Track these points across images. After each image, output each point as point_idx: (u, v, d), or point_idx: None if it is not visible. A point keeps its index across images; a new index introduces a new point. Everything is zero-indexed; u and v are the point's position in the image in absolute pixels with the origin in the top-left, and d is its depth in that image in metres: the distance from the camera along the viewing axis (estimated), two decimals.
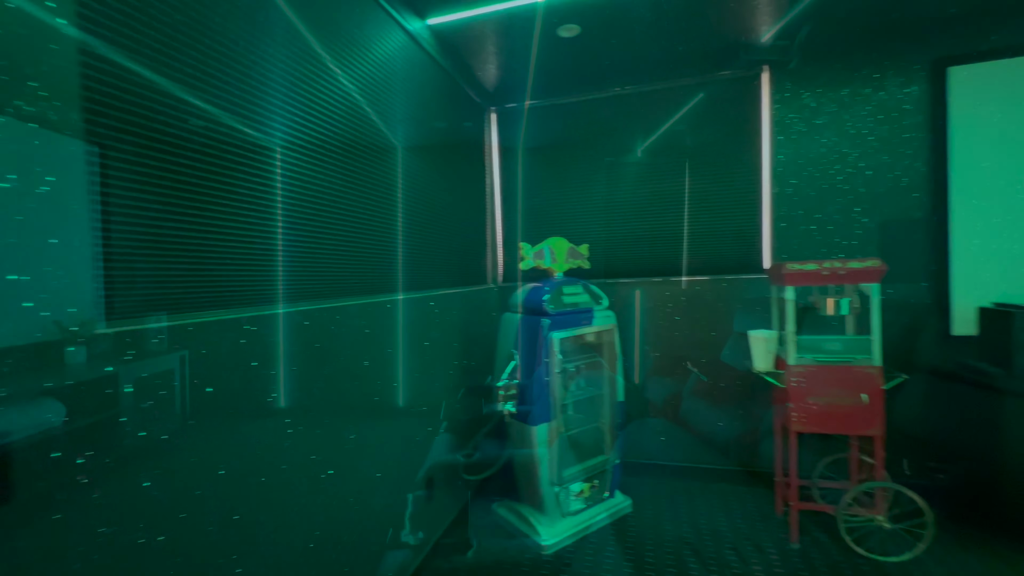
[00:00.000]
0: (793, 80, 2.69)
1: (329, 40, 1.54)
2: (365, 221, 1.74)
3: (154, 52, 0.99)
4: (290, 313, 1.35)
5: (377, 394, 1.78)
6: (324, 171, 1.52)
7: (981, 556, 2.07)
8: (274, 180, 1.32)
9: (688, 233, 2.91)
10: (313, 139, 1.47)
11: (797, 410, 2.15)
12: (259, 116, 1.26)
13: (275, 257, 1.31)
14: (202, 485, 1.07)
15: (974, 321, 2.43)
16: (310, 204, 1.46)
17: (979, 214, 2.44)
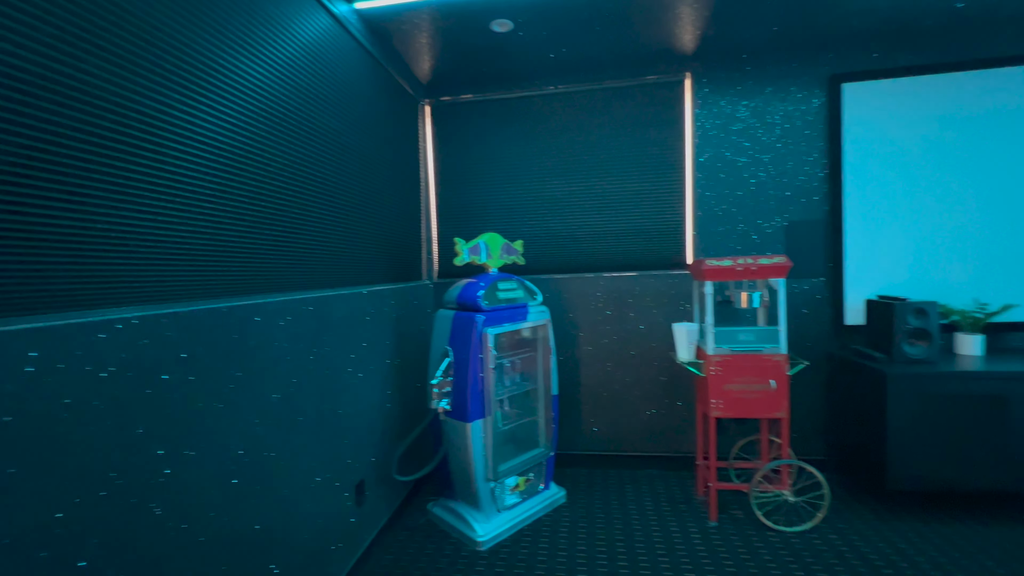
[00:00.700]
0: (712, 88, 2.86)
1: (239, 16, 1.43)
2: (280, 213, 1.63)
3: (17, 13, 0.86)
4: (196, 312, 1.24)
5: (301, 398, 1.68)
6: (234, 160, 1.40)
7: (869, 520, 2.33)
8: (167, 169, 1.20)
9: (619, 230, 3.01)
10: (219, 125, 1.35)
11: (715, 397, 2.30)
12: (152, 96, 1.14)
13: (167, 249, 1.19)
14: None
15: (863, 312, 2.72)
16: (217, 195, 1.34)
17: (867, 217, 2.73)
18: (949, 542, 2.13)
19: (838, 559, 2.04)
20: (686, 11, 2.32)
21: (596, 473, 2.99)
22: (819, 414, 2.83)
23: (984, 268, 2.64)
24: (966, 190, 2.64)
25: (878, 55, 2.69)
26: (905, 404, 2.26)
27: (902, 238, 2.71)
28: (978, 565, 1.96)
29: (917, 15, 2.44)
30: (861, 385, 2.46)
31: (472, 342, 2.23)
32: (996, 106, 2.59)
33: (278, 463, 1.54)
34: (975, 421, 2.22)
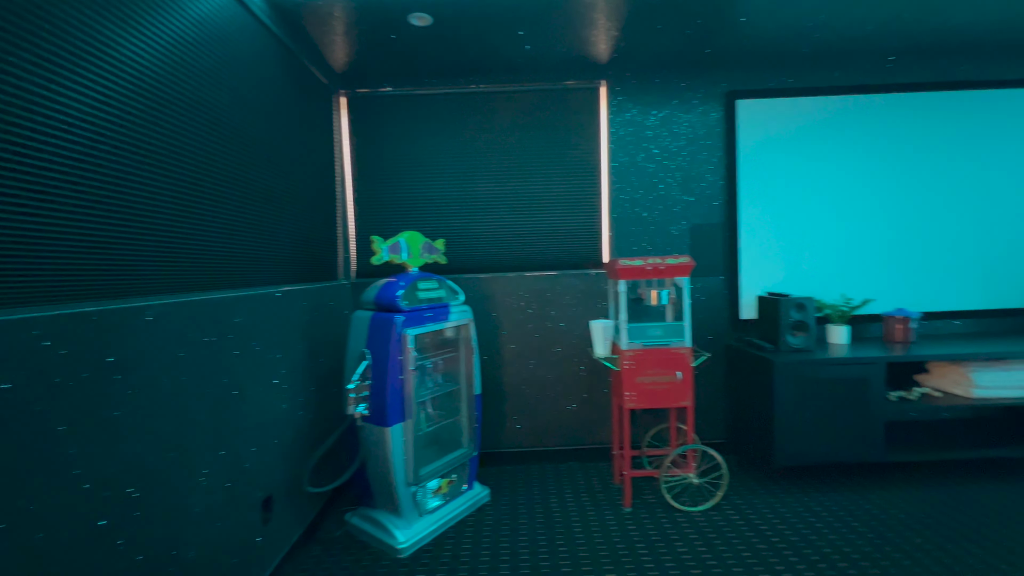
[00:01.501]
0: (625, 96, 3.02)
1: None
2: (174, 208, 1.47)
3: None
4: (58, 317, 1.07)
5: (197, 411, 1.52)
6: (115, 147, 1.24)
7: (761, 495, 2.58)
8: (27, 155, 1.03)
9: (540, 230, 3.08)
10: (92, 106, 1.19)
11: (629, 389, 2.42)
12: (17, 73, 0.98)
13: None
14: None
15: (755, 307, 3.02)
16: (100, 187, 1.18)
17: (758, 221, 3.03)
18: (826, 509, 2.42)
19: (735, 532, 2.24)
20: (601, 21, 2.42)
21: (520, 470, 3.03)
22: (720, 401, 3.10)
23: (850, 267, 3.04)
24: (837, 199, 3.02)
25: (768, 76, 3.00)
26: (788, 388, 2.54)
27: (787, 240, 3.04)
28: (848, 527, 2.25)
29: (798, 42, 2.74)
30: (754, 373, 2.73)
31: (391, 344, 2.16)
32: (864, 127, 2.99)
33: (166, 486, 1.39)
34: (844, 401, 2.55)
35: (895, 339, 2.85)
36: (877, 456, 2.56)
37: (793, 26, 2.54)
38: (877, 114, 3.00)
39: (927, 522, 2.25)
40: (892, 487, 2.60)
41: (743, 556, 2.06)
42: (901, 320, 2.82)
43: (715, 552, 2.10)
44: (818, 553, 2.06)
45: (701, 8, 2.32)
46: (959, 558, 1.98)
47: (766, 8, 2.34)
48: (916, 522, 2.26)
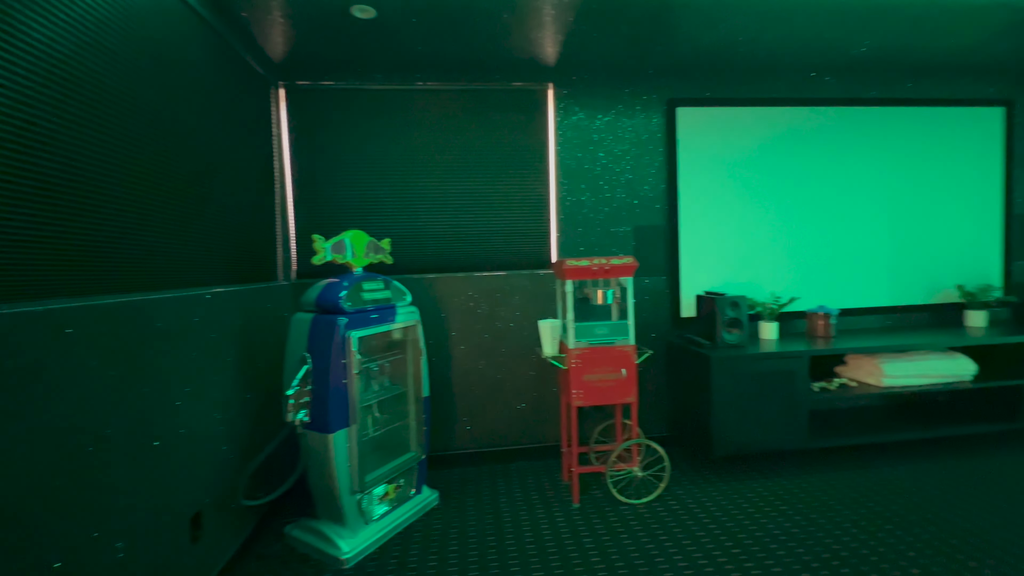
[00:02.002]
0: (573, 99, 3.08)
1: None
2: (71, 201, 1.34)
3: None
4: None
5: (112, 427, 1.40)
6: (12, 136, 1.11)
7: (701, 485, 2.71)
8: None
9: (489, 230, 3.07)
10: None
11: (578, 387, 2.47)
12: None
13: None
14: None
15: (694, 306, 3.16)
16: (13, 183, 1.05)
17: (697, 224, 3.18)
18: (758, 495, 2.57)
19: (676, 522, 2.33)
20: (548, 23, 2.46)
21: (470, 471, 3.01)
22: (663, 396, 3.22)
23: (779, 267, 3.25)
24: (768, 204, 3.22)
25: (705, 85, 3.15)
26: (724, 382, 2.68)
27: (723, 242, 3.21)
28: (777, 511, 2.40)
29: (732, 55, 2.90)
30: (693, 368, 2.85)
31: (334, 347, 2.08)
32: (792, 137, 3.21)
33: (72, 508, 1.26)
34: (773, 392, 2.72)
35: (817, 334, 3.08)
36: (802, 443, 2.76)
37: (726, 39, 2.68)
38: (803, 125, 3.23)
39: (845, 502, 2.45)
40: (816, 471, 2.80)
41: (683, 544, 2.15)
42: (822, 316, 3.05)
43: (658, 542, 2.18)
44: (751, 537, 2.19)
45: (642, 17, 2.41)
46: (873, 534, 2.17)
47: (701, 21, 2.46)
48: (836, 503, 2.45)
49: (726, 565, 2.00)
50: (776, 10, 2.38)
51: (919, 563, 1.95)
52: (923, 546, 2.06)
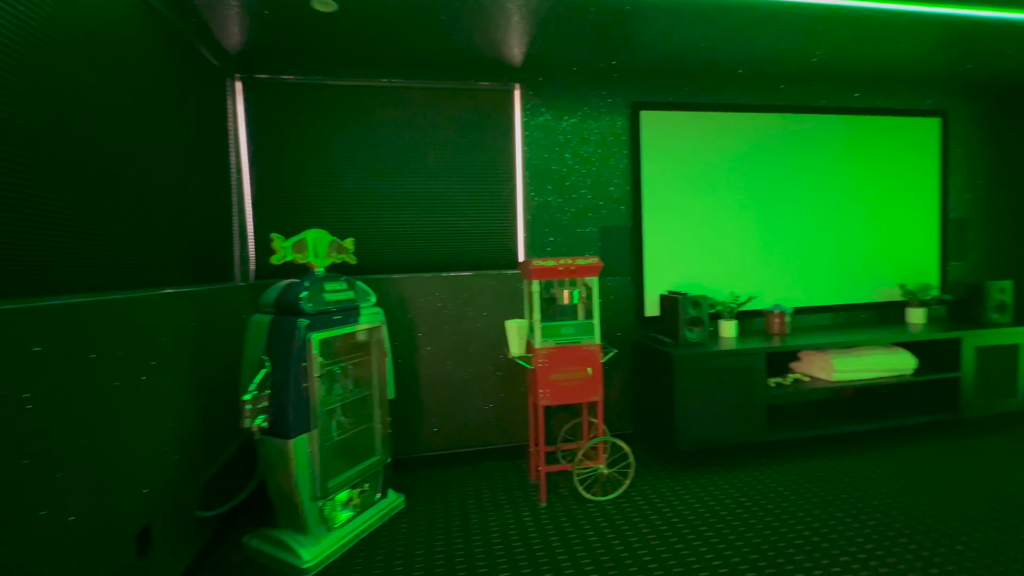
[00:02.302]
0: (540, 101, 3.09)
1: None
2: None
3: None
4: None
5: (52, 438, 1.30)
6: None
7: (664, 480, 2.77)
8: None
9: (456, 230, 3.05)
10: None
11: (544, 386, 2.48)
12: None
13: None
14: None
15: (658, 305, 3.23)
16: None
17: (661, 225, 3.25)
18: (718, 487, 2.65)
19: (640, 517, 2.38)
20: (514, 23, 2.46)
21: (437, 474, 2.98)
22: (628, 394, 3.28)
23: (737, 267, 3.37)
24: (728, 206, 3.33)
25: (668, 90, 3.23)
26: (686, 379, 2.75)
27: (685, 243, 3.29)
28: (735, 502, 2.48)
29: (692, 61, 2.99)
30: (657, 366, 2.92)
31: (294, 349, 2.02)
32: (752, 143, 3.33)
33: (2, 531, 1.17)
34: (732, 388, 2.81)
35: (773, 332, 3.21)
36: (760, 436, 2.86)
37: (687, 45, 2.76)
38: (760, 131, 3.36)
39: (800, 492, 2.56)
40: (773, 463, 2.92)
41: (647, 538, 2.20)
42: (778, 315, 3.18)
43: (623, 538, 2.21)
44: (712, 530, 2.25)
45: (605, 23, 2.44)
46: (824, 521, 2.27)
47: (661, 28, 2.52)
48: (791, 492, 2.55)
49: (688, 558, 2.05)
50: (733, 19, 2.46)
51: (866, 548, 2.06)
52: (870, 531, 2.17)
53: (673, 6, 2.30)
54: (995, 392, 3.16)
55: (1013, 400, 3.20)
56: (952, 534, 2.13)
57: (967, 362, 3.10)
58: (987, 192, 3.79)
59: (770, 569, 1.95)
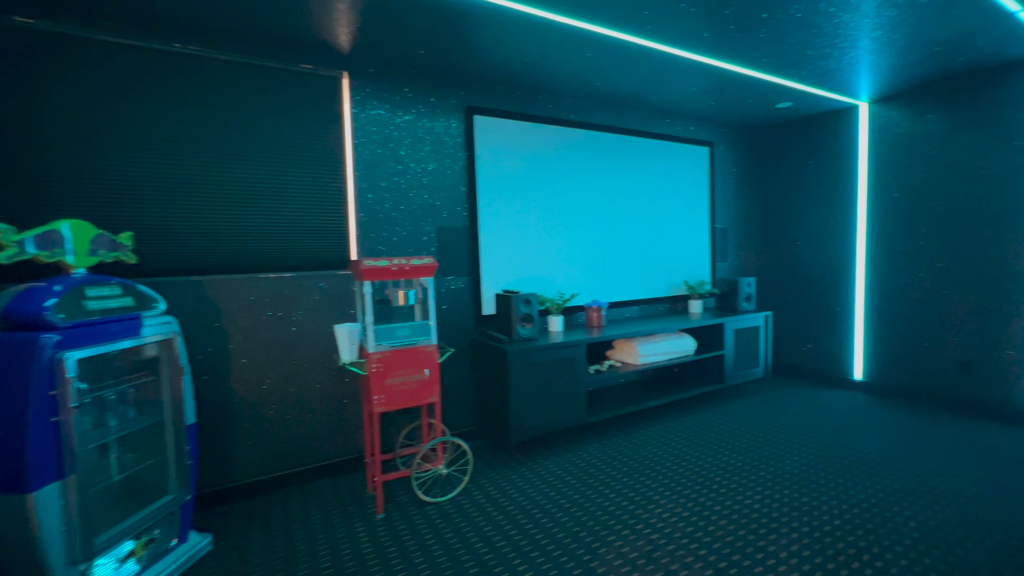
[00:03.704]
0: (373, 93, 2.94)
1: None
2: None
3: None
4: None
5: None
6: None
7: (502, 471, 2.89)
8: None
9: (276, 227, 2.72)
10: None
11: (379, 392, 2.37)
12: None
13: None
14: None
15: (494, 304, 3.37)
16: None
17: (495, 226, 3.39)
18: (549, 471, 2.87)
19: (479, 512, 2.44)
20: (341, 5, 2.29)
21: (258, 502, 2.62)
22: (467, 392, 3.34)
23: (563, 267, 3.70)
24: (556, 211, 3.63)
25: (502, 98, 3.37)
26: (519, 373, 2.91)
27: (519, 244, 3.49)
28: (563, 482, 2.72)
29: (522, 73, 3.18)
30: (493, 362, 3.03)
31: (34, 374, 1.55)
32: (575, 154, 3.67)
33: None
34: (559, 378, 3.07)
35: (593, 324, 3.61)
36: (582, 419, 3.19)
37: (517, 56, 2.92)
38: (581, 144, 3.73)
39: (614, 464, 2.92)
40: (593, 442, 3.28)
41: (484, 531, 2.26)
42: (596, 309, 3.59)
43: (462, 536, 2.23)
44: (542, 511, 2.42)
45: (434, 22, 2.44)
46: (632, 486, 2.63)
47: (492, 35, 2.62)
48: (607, 465, 2.90)
49: (521, 542, 2.17)
50: (555, 39, 2.68)
51: (658, 502, 2.44)
52: (660, 487, 2.59)
53: (500, 13, 2.40)
54: (746, 364, 4.06)
55: (757, 370, 4.15)
56: (725, 483, 2.66)
57: (728, 342, 3.92)
58: (738, 207, 4.85)
59: (588, 537, 2.18)
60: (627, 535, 2.19)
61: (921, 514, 2.26)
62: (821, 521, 2.23)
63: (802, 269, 4.57)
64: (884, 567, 1.91)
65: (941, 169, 3.59)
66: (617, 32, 2.60)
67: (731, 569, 1.93)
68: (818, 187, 4.39)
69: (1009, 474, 2.61)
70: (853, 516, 2.26)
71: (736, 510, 2.35)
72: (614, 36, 2.64)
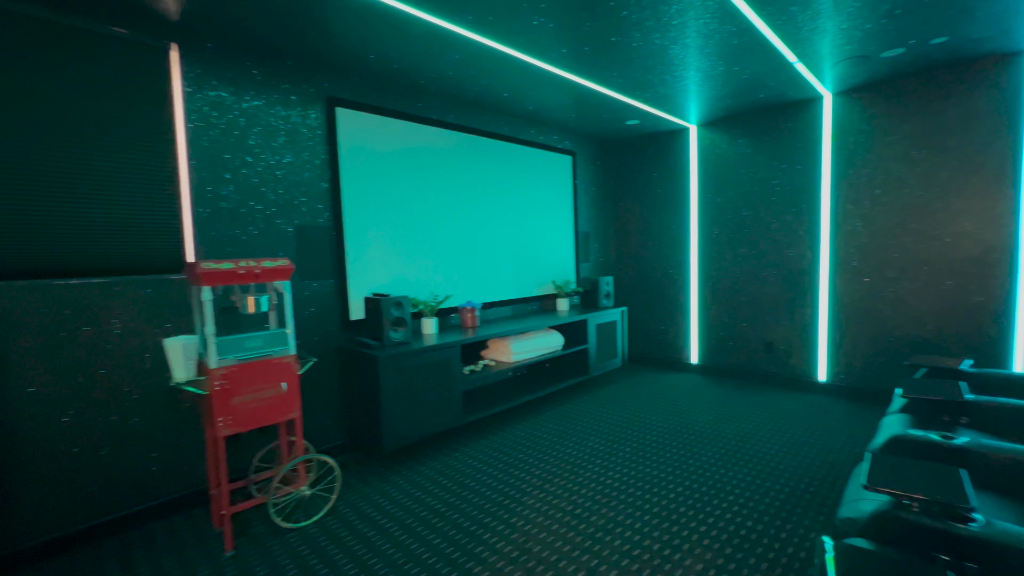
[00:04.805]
0: (209, 70, 2.57)
1: None
2: None
3: None
4: None
5: None
6: None
7: (375, 484, 2.74)
8: None
9: (81, 220, 2.23)
10: None
11: (224, 413, 2.07)
12: None
13: None
14: None
15: (363, 308, 3.19)
16: None
17: (364, 226, 3.21)
18: (424, 477, 2.80)
19: (349, 530, 2.28)
20: None
21: (63, 562, 2.11)
22: (336, 403, 3.11)
23: (437, 268, 3.66)
24: (430, 212, 3.56)
25: (369, 91, 3.19)
26: (391, 379, 2.80)
27: (390, 245, 3.35)
28: (439, 487, 2.67)
29: (387, 67, 3.06)
30: (363, 370, 2.87)
31: None
32: (450, 156, 3.63)
33: None
34: (433, 381, 3.03)
35: (467, 325, 3.63)
36: (458, 421, 3.18)
37: (381, 50, 2.80)
38: (456, 147, 3.72)
39: (489, 461, 2.96)
40: (470, 442, 3.29)
41: (355, 551, 2.12)
42: (470, 310, 3.61)
43: (328, 560, 2.06)
44: (417, 519, 2.35)
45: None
46: (505, 481, 2.69)
47: (349, 22, 2.48)
48: (486, 465, 2.93)
49: (395, 556, 2.07)
50: (420, 37, 2.63)
51: (532, 493, 2.54)
52: (533, 478, 2.70)
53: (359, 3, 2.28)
54: (607, 356, 4.45)
55: (616, 360, 4.58)
56: (579, 459, 2.86)
57: (591, 336, 4.25)
58: (599, 212, 5.30)
59: (465, 539, 2.18)
60: (503, 530, 2.23)
61: (739, 474, 2.69)
62: (668, 490, 2.53)
63: (650, 268, 5.17)
64: (714, 522, 2.23)
65: (749, 184, 4.34)
66: (482, 37, 2.65)
67: (596, 545, 2.09)
68: (662, 196, 5.00)
69: (798, 430, 3.26)
70: (691, 483, 2.61)
71: (599, 490, 2.55)
72: (480, 41, 2.68)
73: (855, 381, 3.88)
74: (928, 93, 3.41)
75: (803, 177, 4.02)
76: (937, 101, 3.37)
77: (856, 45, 2.90)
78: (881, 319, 3.71)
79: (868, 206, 3.72)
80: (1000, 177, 3.19)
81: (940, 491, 1.17)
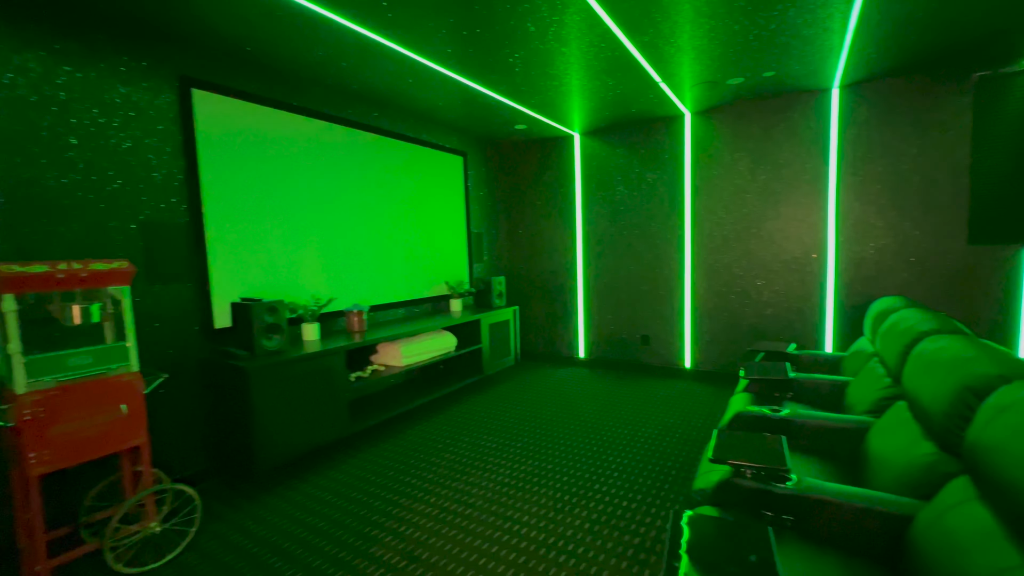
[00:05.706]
0: (13, 30, 2.11)
1: None
2: None
3: None
4: None
5: None
6: None
7: (244, 508, 2.47)
8: None
9: None
10: None
11: (38, 447, 1.71)
12: None
13: None
14: None
15: (229, 314, 2.86)
16: None
17: (232, 223, 2.87)
18: (306, 495, 2.59)
19: (211, 565, 2.02)
20: None
21: None
22: (197, 424, 2.75)
23: (319, 271, 3.41)
24: (310, 211, 3.30)
25: (233, 74, 2.85)
26: (265, 392, 2.55)
27: (264, 246, 3.04)
28: (324, 504, 2.49)
29: (254, 48, 2.77)
30: (231, 383, 2.57)
31: None
32: (333, 150, 3.38)
33: None
34: (315, 391, 2.82)
35: (354, 329, 3.44)
36: (345, 431, 3.01)
37: (247, 26, 2.53)
38: (338, 141, 3.49)
39: (378, 471, 2.84)
40: (359, 452, 3.13)
41: None
42: (356, 314, 3.43)
43: None
44: (295, 540, 2.17)
45: None
46: (391, 488, 2.60)
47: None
48: (374, 475, 2.80)
49: None
50: (287, 17, 2.43)
51: (422, 499, 2.49)
52: (425, 483, 2.65)
53: None
54: (500, 355, 4.53)
55: (508, 359, 4.68)
56: (472, 459, 2.88)
57: (485, 336, 4.30)
58: (491, 212, 5.38)
59: (348, 555, 2.05)
60: (390, 541, 2.15)
61: (619, 459, 2.91)
62: (557, 480, 2.65)
63: (541, 268, 5.37)
64: (595, 506, 2.38)
65: (626, 190, 4.72)
66: (359, 27, 2.52)
67: (485, 544, 2.10)
68: (550, 199, 5.22)
69: (669, 413, 3.62)
70: (578, 470, 2.76)
71: (491, 488, 2.58)
72: (355, 29, 2.55)
73: (714, 366, 4.42)
74: (764, 118, 4.00)
75: (672, 187, 4.47)
76: (771, 125, 3.97)
77: (706, 71, 3.29)
78: (732, 312, 4.27)
79: (721, 214, 4.25)
80: (815, 190, 3.86)
81: (765, 458, 1.38)
